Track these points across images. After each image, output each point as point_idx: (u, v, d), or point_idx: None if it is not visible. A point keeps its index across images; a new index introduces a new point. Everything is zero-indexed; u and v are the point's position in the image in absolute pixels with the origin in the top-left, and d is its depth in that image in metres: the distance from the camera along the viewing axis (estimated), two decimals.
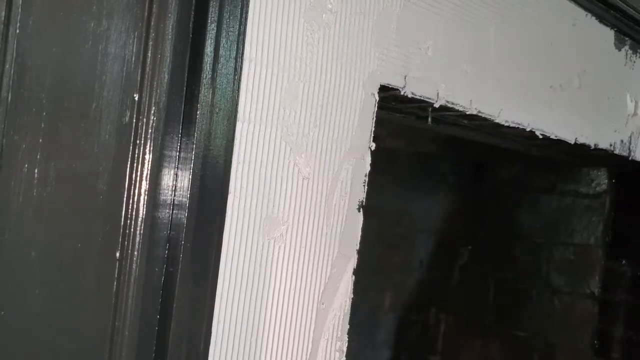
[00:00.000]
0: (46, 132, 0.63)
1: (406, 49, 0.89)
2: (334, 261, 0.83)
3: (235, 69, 0.67)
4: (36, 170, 0.62)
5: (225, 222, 0.69)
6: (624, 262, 1.75)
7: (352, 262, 0.85)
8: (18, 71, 0.62)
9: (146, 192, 0.62)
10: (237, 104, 0.68)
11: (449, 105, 0.98)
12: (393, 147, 1.86)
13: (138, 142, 0.62)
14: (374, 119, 0.85)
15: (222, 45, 0.66)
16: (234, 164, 0.69)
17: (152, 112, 0.62)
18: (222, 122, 0.66)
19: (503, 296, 1.93)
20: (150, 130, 0.62)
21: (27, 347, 0.65)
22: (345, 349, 0.85)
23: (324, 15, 0.78)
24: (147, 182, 0.62)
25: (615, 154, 1.40)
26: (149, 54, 0.63)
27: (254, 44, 0.71)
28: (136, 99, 0.62)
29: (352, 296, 0.86)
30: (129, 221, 0.62)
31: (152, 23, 0.63)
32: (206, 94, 0.64)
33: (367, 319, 1.90)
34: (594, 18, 1.26)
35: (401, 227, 1.97)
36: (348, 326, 0.85)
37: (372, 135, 0.85)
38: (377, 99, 0.85)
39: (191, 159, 0.64)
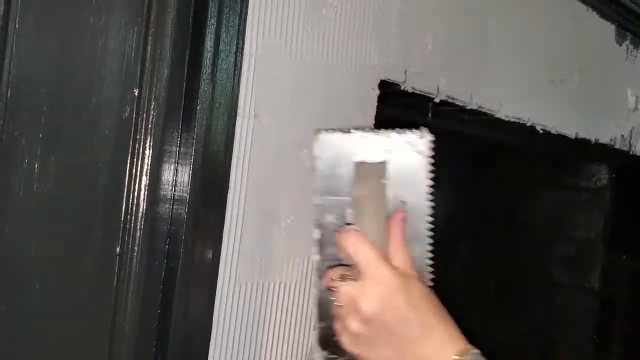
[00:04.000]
0: (46, 128, 0.63)
1: (406, 43, 0.89)
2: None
3: (235, 64, 0.67)
4: (36, 166, 0.62)
5: (226, 217, 0.69)
6: (624, 256, 1.75)
7: None
8: (17, 66, 0.62)
9: (146, 187, 0.62)
10: (237, 99, 0.68)
11: (450, 100, 0.98)
12: None
13: (138, 137, 0.62)
14: (374, 113, 0.85)
15: (222, 40, 0.66)
16: (234, 159, 0.69)
17: (152, 107, 0.62)
18: (222, 117, 0.66)
19: (504, 291, 1.93)
20: (150, 126, 0.62)
21: (27, 342, 0.65)
22: None
23: (324, 10, 0.77)
24: (147, 177, 0.62)
25: (616, 149, 1.40)
26: (149, 49, 0.63)
27: (254, 39, 0.70)
28: (136, 94, 0.62)
29: None
30: (129, 216, 0.62)
31: (152, 17, 0.63)
32: (206, 89, 0.64)
33: None
34: (594, 13, 1.26)
35: None
36: None
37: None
38: (378, 93, 0.85)
39: (191, 154, 0.64)
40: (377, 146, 0.66)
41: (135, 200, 0.62)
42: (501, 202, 1.96)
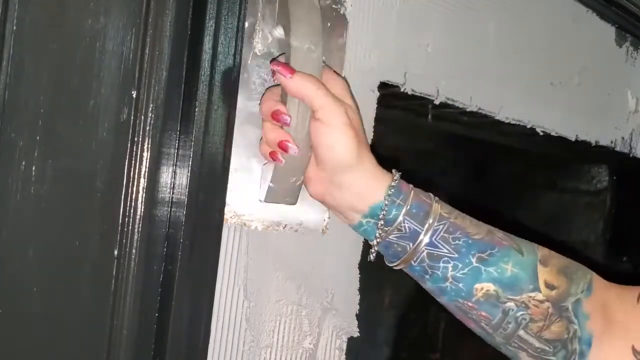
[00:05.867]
0: (43, 130, 0.62)
1: (406, 45, 0.89)
2: (337, 256, 0.82)
3: (234, 66, 0.67)
4: (33, 168, 0.62)
5: (224, 220, 0.69)
6: (624, 259, 1.75)
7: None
8: (15, 69, 0.62)
9: (144, 190, 0.62)
10: (235, 102, 0.68)
11: (449, 102, 0.97)
12: (393, 145, 1.86)
13: (136, 139, 0.62)
14: (374, 115, 0.85)
15: (220, 42, 0.65)
16: (232, 161, 0.69)
17: (150, 109, 0.62)
18: (220, 119, 0.66)
19: None
20: (148, 128, 0.62)
21: (25, 346, 0.64)
22: (345, 347, 0.84)
23: None
24: (145, 179, 0.62)
25: (616, 151, 1.39)
26: (147, 51, 0.62)
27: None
28: (134, 96, 0.62)
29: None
30: (127, 219, 0.62)
31: (150, 20, 0.62)
32: (204, 91, 0.64)
33: (366, 316, 1.90)
34: (594, 14, 1.26)
35: None
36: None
37: (373, 131, 0.85)
38: (377, 95, 0.85)
39: (189, 157, 0.64)
40: None
41: (133, 203, 0.62)
42: (501, 205, 1.95)
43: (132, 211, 0.62)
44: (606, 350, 0.65)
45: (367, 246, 0.87)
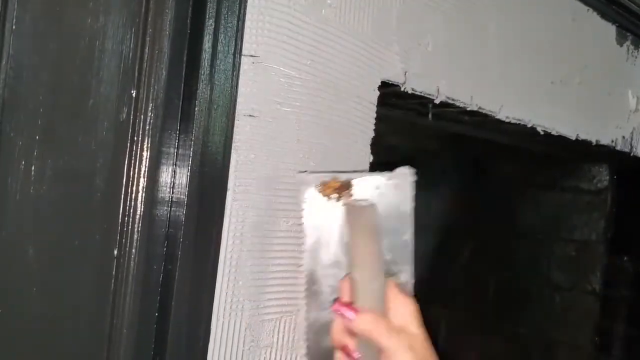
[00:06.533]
0: (43, 129, 0.62)
1: (406, 44, 0.88)
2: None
3: (234, 64, 0.67)
4: (33, 168, 0.62)
5: (224, 219, 0.69)
6: (625, 258, 1.75)
7: None
8: (15, 68, 0.62)
9: (144, 190, 0.62)
10: (235, 100, 0.68)
11: (450, 101, 0.97)
12: (394, 144, 1.86)
13: (136, 139, 0.62)
14: (375, 115, 0.85)
15: (220, 41, 0.65)
16: (232, 160, 0.68)
17: (150, 108, 0.62)
18: (220, 119, 0.66)
19: (504, 293, 1.93)
20: (147, 127, 0.62)
21: (25, 345, 0.64)
22: None
23: (323, 11, 0.77)
24: (145, 179, 0.62)
25: (617, 150, 1.39)
26: (147, 50, 0.62)
27: (253, 39, 0.70)
28: (133, 95, 0.62)
29: None
30: (126, 219, 0.62)
31: (150, 19, 0.62)
32: (204, 90, 0.64)
33: None
34: (595, 13, 1.26)
35: None
36: None
37: (373, 131, 0.85)
38: (378, 94, 0.85)
39: (189, 156, 0.63)
40: (364, 188, 0.69)
41: (132, 203, 0.62)
42: (502, 204, 1.95)
43: (131, 210, 0.62)
44: None
45: None
